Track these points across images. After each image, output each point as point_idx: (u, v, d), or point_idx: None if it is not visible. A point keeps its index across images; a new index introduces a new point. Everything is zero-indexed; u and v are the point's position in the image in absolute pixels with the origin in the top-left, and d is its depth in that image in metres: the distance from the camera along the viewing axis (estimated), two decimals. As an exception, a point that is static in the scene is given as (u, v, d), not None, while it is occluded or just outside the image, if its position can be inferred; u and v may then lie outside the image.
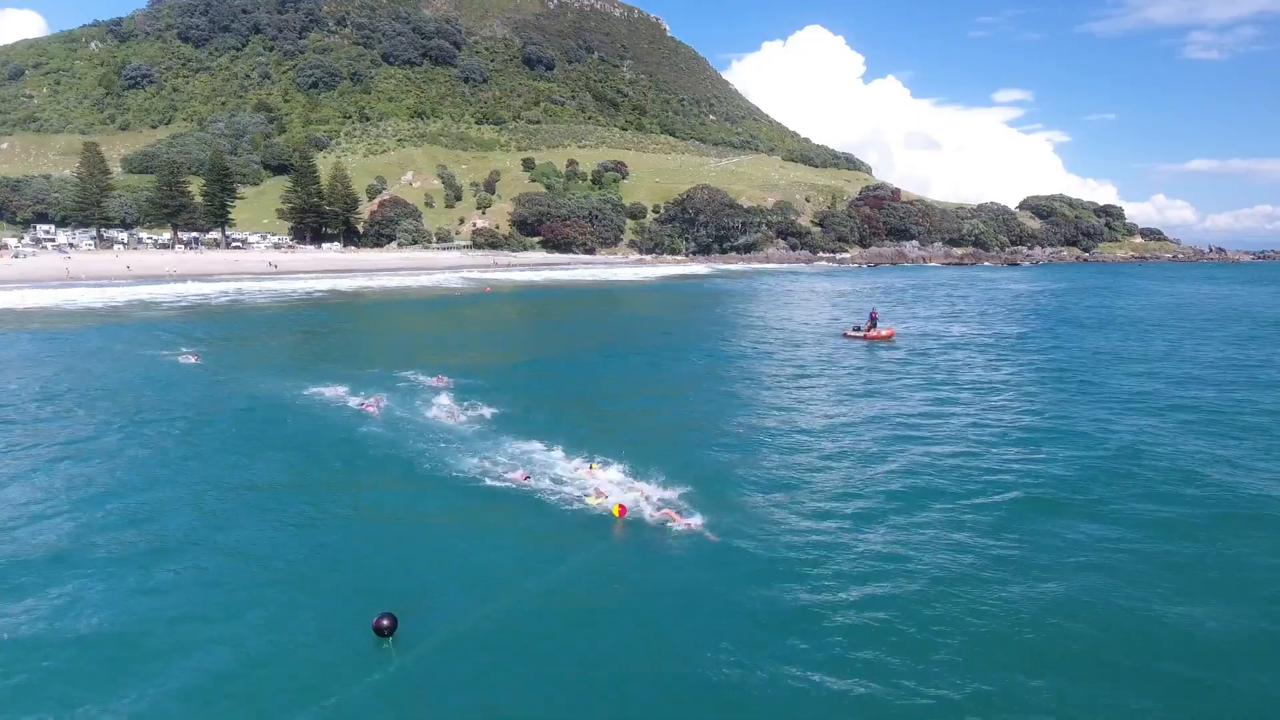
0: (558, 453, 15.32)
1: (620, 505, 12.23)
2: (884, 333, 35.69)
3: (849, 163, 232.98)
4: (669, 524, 11.83)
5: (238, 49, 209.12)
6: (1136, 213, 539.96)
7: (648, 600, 9.91)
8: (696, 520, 11.83)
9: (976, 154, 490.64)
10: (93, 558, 10.95)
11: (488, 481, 13.93)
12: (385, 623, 8.58)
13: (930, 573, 10.51)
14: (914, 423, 19.11)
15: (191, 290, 62.84)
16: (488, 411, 18.97)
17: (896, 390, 23.64)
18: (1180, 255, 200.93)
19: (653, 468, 13.80)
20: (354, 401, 20.16)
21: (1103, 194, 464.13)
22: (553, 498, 13.03)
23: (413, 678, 8.21)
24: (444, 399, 20.10)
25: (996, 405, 21.37)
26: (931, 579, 10.33)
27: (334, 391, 21.24)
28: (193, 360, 27.05)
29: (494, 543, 11.73)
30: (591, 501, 12.57)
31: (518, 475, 13.87)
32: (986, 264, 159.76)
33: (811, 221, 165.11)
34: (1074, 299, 66.50)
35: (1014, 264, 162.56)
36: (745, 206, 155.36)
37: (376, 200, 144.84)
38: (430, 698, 7.95)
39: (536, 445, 15.90)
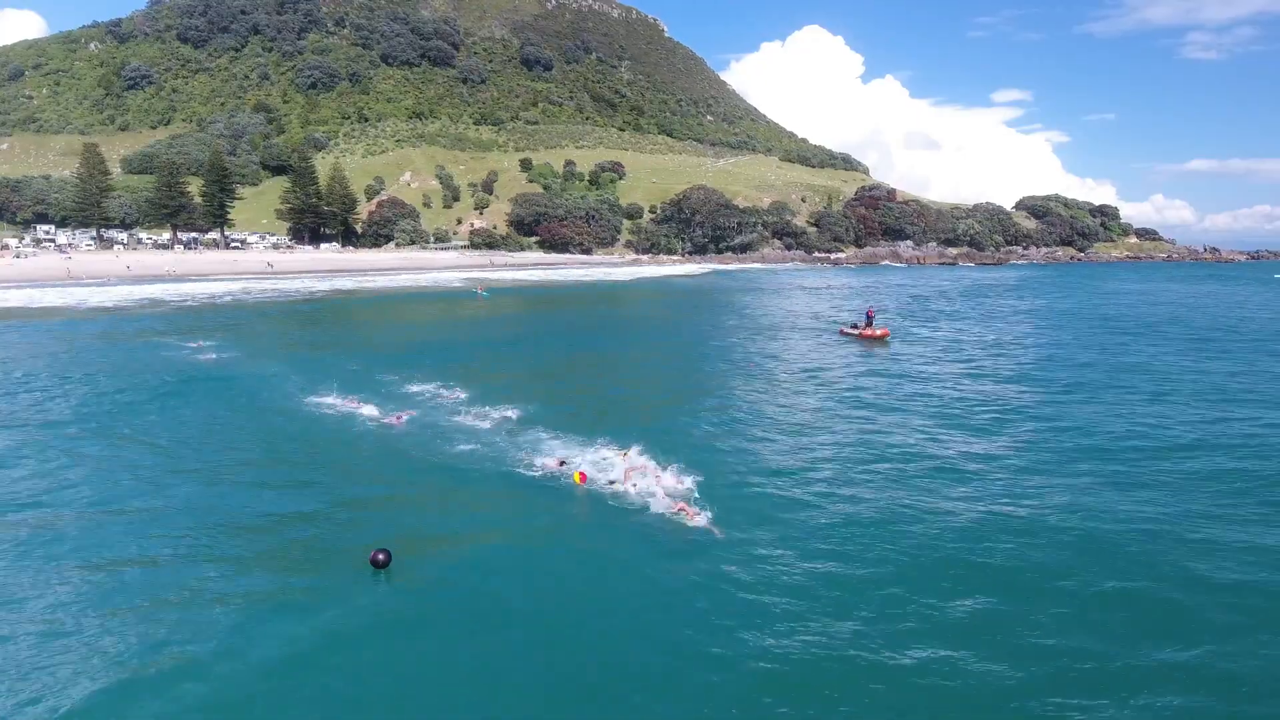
0: (539, 433, 16.56)
1: (580, 473, 13.41)
2: (879, 332, 36.17)
3: (846, 163, 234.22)
4: (680, 515, 11.84)
5: (237, 50, 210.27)
6: (1135, 213, 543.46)
7: (602, 550, 11.15)
8: (706, 516, 11.78)
9: (976, 154, 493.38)
10: (106, 508, 12.21)
11: (475, 457, 15.22)
12: (381, 557, 9.79)
13: (901, 577, 10.40)
14: (901, 423, 19.23)
15: (198, 289, 64.04)
16: (482, 401, 20.20)
17: (892, 387, 24.05)
18: (1175, 255, 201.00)
19: (646, 457, 14.75)
20: (345, 403, 19.96)
21: (1102, 194, 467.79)
22: (527, 469, 14.27)
23: (404, 603, 9.44)
24: (442, 392, 21.39)
25: (984, 402, 22.36)
26: (904, 583, 10.18)
27: (330, 383, 22.39)
28: (210, 357, 28.16)
29: (476, 503, 13.02)
30: (616, 481, 13.15)
31: (537, 460, 14.66)
32: (969, 264, 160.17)
33: (807, 222, 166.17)
34: (1037, 299, 67.87)
35: (1004, 264, 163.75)
36: (741, 207, 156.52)
37: (375, 201, 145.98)
38: (418, 619, 9.18)
39: (527, 431, 17.12)
